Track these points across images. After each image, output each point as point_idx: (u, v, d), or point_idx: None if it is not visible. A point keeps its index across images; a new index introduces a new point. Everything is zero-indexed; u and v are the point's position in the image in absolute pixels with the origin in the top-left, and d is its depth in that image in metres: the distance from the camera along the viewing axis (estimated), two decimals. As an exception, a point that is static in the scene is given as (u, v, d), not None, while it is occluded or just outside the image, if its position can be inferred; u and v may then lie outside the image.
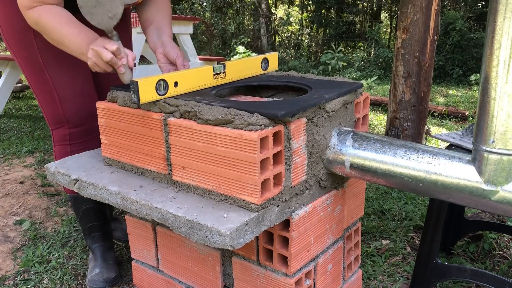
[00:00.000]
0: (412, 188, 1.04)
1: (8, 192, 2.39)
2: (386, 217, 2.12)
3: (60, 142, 1.55)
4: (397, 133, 2.75)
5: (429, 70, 2.66)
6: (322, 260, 1.22)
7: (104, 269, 1.60)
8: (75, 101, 1.49)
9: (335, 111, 1.14)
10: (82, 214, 1.63)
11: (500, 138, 0.91)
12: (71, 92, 1.48)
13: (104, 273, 1.59)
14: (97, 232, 1.66)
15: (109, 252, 1.67)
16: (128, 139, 1.21)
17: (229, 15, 11.03)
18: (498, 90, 0.90)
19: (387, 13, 10.90)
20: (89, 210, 1.62)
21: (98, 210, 1.64)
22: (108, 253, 1.66)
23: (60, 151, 1.56)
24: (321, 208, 1.17)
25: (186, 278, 1.34)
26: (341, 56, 8.23)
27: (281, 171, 1.00)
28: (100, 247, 1.66)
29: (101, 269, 1.60)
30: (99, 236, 1.67)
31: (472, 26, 8.22)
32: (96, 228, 1.66)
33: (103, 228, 1.67)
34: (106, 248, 1.66)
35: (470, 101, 5.23)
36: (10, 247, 1.90)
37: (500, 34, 0.87)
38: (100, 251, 1.65)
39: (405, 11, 2.62)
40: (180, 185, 1.12)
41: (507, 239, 1.87)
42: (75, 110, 1.50)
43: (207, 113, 1.02)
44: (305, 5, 11.15)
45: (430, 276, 1.40)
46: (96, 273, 1.59)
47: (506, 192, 0.92)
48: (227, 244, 0.90)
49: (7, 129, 3.73)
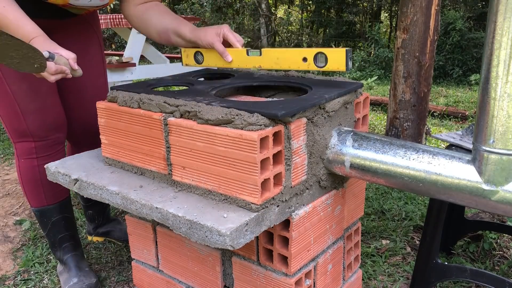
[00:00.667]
0: (412, 188, 1.04)
1: (8, 192, 2.39)
2: (386, 217, 2.12)
3: (26, 156, 1.49)
4: (397, 133, 2.75)
5: (429, 70, 2.66)
6: (322, 260, 1.22)
7: (82, 277, 1.57)
8: (39, 113, 1.44)
9: (335, 111, 1.14)
10: (51, 226, 1.58)
11: (500, 138, 0.91)
12: (33, 105, 1.42)
13: (84, 280, 1.56)
14: (68, 242, 1.62)
15: (82, 261, 1.63)
16: (128, 139, 1.21)
17: (229, 15, 11.03)
18: (498, 90, 0.90)
19: (387, 13, 10.90)
20: (58, 221, 1.58)
21: (68, 219, 1.60)
22: (82, 261, 1.63)
23: (26, 165, 1.50)
24: (321, 208, 1.17)
25: (186, 278, 1.34)
26: (341, 56, 8.22)
27: (281, 171, 1.00)
28: (73, 256, 1.62)
29: (79, 278, 1.56)
30: (71, 246, 1.62)
31: (472, 26, 8.22)
32: (67, 238, 1.61)
33: (74, 238, 1.64)
34: (78, 257, 1.63)
35: (470, 101, 5.23)
36: (10, 247, 1.90)
37: (500, 34, 0.87)
38: (74, 261, 1.61)
39: (405, 11, 2.62)
40: (180, 185, 1.12)
41: (507, 239, 1.87)
42: (39, 123, 1.45)
43: (207, 113, 1.02)
44: (305, 5, 11.15)
45: (430, 276, 1.40)
46: (74, 282, 1.55)
47: (506, 192, 0.92)
48: (227, 244, 0.90)
49: (7, 129, 3.72)
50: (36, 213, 1.58)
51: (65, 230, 1.60)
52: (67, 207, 1.60)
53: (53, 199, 1.55)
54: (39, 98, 1.43)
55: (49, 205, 1.55)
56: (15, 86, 1.39)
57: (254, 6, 10.58)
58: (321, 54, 1.19)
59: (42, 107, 1.44)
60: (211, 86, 1.29)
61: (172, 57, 5.08)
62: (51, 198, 1.54)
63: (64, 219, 1.59)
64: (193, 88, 1.29)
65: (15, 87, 1.39)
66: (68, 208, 1.61)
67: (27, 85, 1.41)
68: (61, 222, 1.58)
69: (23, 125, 1.44)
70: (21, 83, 1.40)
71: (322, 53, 1.19)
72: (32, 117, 1.43)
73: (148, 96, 1.17)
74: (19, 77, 1.39)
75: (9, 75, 1.38)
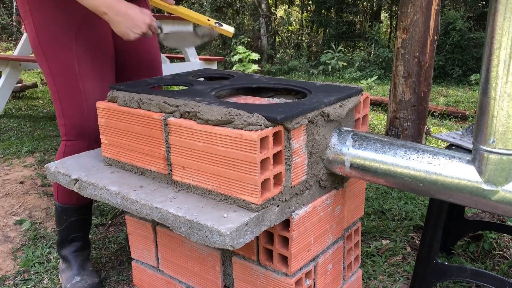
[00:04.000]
0: (412, 188, 1.04)
1: (8, 192, 2.39)
2: (386, 217, 2.12)
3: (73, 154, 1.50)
4: (397, 133, 2.75)
5: (429, 70, 2.66)
6: (322, 260, 1.22)
7: (85, 276, 1.57)
8: None
9: (342, 118, 1.14)
10: (68, 224, 1.59)
11: (500, 138, 0.91)
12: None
13: (87, 279, 1.56)
14: (79, 242, 1.63)
15: (87, 261, 1.64)
16: (128, 139, 1.21)
17: (229, 15, 11.03)
18: (498, 90, 0.90)
19: (387, 13, 10.89)
20: (76, 222, 1.59)
21: (85, 221, 1.62)
22: (86, 262, 1.64)
23: None
24: (321, 208, 1.17)
25: (186, 278, 1.34)
26: (341, 56, 8.23)
27: (281, 171, 1.00)
28: (79, 256, 1.62)
29: (82, 276, 1.56)
30: (80, 246, 1.63)
31: (472, 26, 8.22)
32: (79, 238, 1.63)
33: (84, 238, 1.65)
34: (84, 258, 1.64)
35: (470, 101, 5.23)
36: (10, 247, 1.90)
37: (500, 34, 0.87)
38: (78, 260, 1.61)
39: (405, 11, 2.62)
40: (180, 185, 1.12)
41: (507, 239, 1.87)
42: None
43: (207, 113, 1.02)
44: (305, 5, 11.15)
45: (430, 276, 1.40)
46: (77, 280, 1.55)
47: (506, 192, 0.92)
48: (227, 244, 0.90)
49: (7, 129, 3.73)
50: (58, 208, 1.59)
51: (79, 231, 1.62)
52: (88, 209, 1.62)
53: (79, 200, 1.55)
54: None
55: (73, 205, 1.56)
56: (89, 85, 1.41)
57: (254, 6, 10.57)
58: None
59: None
60: (211, 86, 1.29)
61: (172, 57, 5.08)
62: (79, 199, 1.55)
63: (82, 221, 1.60)
64: (193, 88, 1.29)
65: (88, 85, 1.41)
66: (88, 210, 1.62)
67: (99, 84, 1.43)
68: (79, 223, 1.60)
69: (85, 123, 1.44)
70: (94, 81, 1.42)
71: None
72: (95, 117, 1.42)
73: (148, 96, 1.17)
74: (99, 76, 1.42)
75: (88, 73, 1.41)
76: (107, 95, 1.27)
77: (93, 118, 1.44)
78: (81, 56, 1.40)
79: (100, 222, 2.09)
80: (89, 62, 1.41)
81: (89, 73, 1.41)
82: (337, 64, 7.89)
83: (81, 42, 1.39)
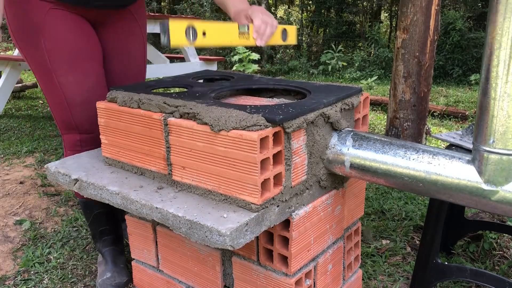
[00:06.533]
0: (412, 188, 1.04)
1: (8, 192, 2.39)
2: (386, 217, 2.12)
3: (72, 148, 1.51)
4: (397, 133, 2.75)
5: (429, 70, 2.66)
6: (322, 260, 1.22)
7: (115, 273, 1.59)
8: (85, 107, 1.44)
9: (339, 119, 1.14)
10: (93, 218, 1.61)
11: (500, 138, 0.91)
12: (79, 98, 1.43)
13: (116, 277, 1.58)
14: (108, 236, 1.65)
15: (119, 256, 1.66)
16: (128, 139, 1.21)
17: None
18: (498, 90, 0.90)
19: (387, 13, 10.89)
20: (101, 215, 1.60)
21: (110, 214, 1.63)
22: (119, 257, 1.65)
23: None
24: (321, 208, 1.17)
25: (186, 278, 1.34)
26: (341, 56, 8.24)
27: (281, 171, 1.00)
28: (111, 251, 1.64)
29: (112, 273, 1.59)
30: (110, 240, 1.65)
31: (472, 26, 8.22)
32: (107, 232, 1.65)
33: (114, 232, 1.66)
34: (117, 252, 1.65)
35: (470, 101, 5.23)
36: (10, 247, 1.90)
37: (500, 34, 0.87)
38: (111, 255, 1.64)
39: (405, 11, 2.62)
40: (180, 185, 1.12)
41: (507, 239, 1.87)
42: (85, 117, 1.46)
43: (206, 114, 1.02)
44: (305, 5, 11.15)
45: (430, 276, 1.40)
46: (107, 277, 1.58)
47: (506, 192, 0.92)
48: (227, 244, 0.90)
49: (7, 129, 3.73)
50: (80, 204, 1.61)
51: (106, 224, 1.63)
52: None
53: None
54: (85, 92, 1.43)
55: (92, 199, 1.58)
56: (63, 78, 1.40)
57: (254, 6, 10.56)
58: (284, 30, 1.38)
59: (87, 101, 1.44)
60: (210, 88, 1.29)
61: (172, 57, 5.08)
62: None
63: (106, 213, 1.61)
64: (192, 90, 1.29)
65: (62, 78, 1.40)
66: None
67: (74, 77, 1.41)
68: (103, 215, 1.61)
69: (69, 117, 1.44)
70: (67, 75, 1.40)
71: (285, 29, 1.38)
72: (78, 109, 1.43)
73: (148, 96, 1.17)
74: (67, 70, 1.40)
75: (58, 67, 1.39)
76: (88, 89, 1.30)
77: (75, 111, 1.43)
78: (51, 52, 1.37)
79: (100, 222, 2.09)
80: (60, 56, 1.38)
81: (61, 67, 1.39)
82: (337, 64, 7.90)
83: (48, 37, 1.36)
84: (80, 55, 1.42)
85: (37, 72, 1.43)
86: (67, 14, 1.40)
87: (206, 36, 1.09)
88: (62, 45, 1.38)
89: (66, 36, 1.39)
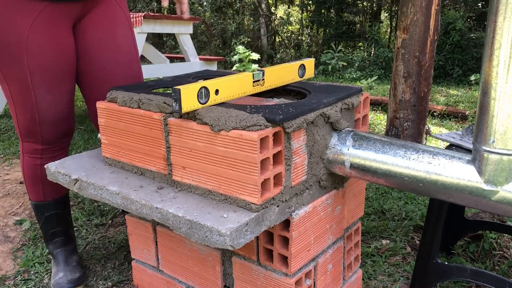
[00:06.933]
0: (412, 188, 1.04)
1: (8, 192, 2.39)
2: (386, 217, 2.12)
3: (31, 154, 1.53)
4: (397, 133, 2.75)
5: (429, 70, 2.66)
6: (322, 260, 1.22)
7: (68, 272, 1.61)
8: (53, 125, 1.47)
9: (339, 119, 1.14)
10: (45, 220, 1.63)
11: (500, 138, 0.91)
12: (53, 118, 1.45)
13: (68, 275, 1.59)
14: (60, 237, 1.66)
15: (71, 256, 1.67)
16: (128, 139, 1.21)
17: (229, 15, 11.03)
18: (498, 90, 0.90)
19: (387, 13, 10.89)
20: (51, 217, 1.62)
21: (60, 215, 1.65)
22: (71, 256, 1.67)
23: (29, 162, 1.53)
24: (321, 208, 1.17)
25: (186, 278, 1.34)
26: (341, 56, 8.24)
27: (281, 171, 1.00)
28: (63, 251, 1.66)
29: (65, 273, 1.60)
30: (61, 241, 1.67)
31: (472, 26, 8.22)
32: (59, 233, 1.66)
33: (65, 233, 1.68)
34: (68, 252, 1.67)
35: (470, 101, 5.23)
36: (10, 247, 1.90)
37: (500, 34, 0.87)
38: (62, 256, 1.65)
39: (405, 11, 2.62)
40: (180, 185, 1.12)
41: (507, 239, 1.87)
42: (52, 132, 1.48)
43: (206, 114, 1.02)
44: (305, 5, 11.15)
45: (430, 276, 1.40)
46: (60, 277, 1.59)
47: (506, 192, 0.92)
48: (227, 244, 0.90)
49: (7, 129, 3.73)
50: (32, 206, 1.64)
51: (57, 225, 1.65)
52: (62, 204, 1.65)
53: (50, 196, 1.60)
54: (60, 110, 1.46)
55: (45, 201, 1.61)
56: (41, 97, 1.41)
57: (254, 6, 10.58)
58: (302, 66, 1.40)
59: (59, 119, 1.47)
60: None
61: (172, 57, 5.08)
62: (48, 195, 1.60)
63: (57, 215, 1.63)
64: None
65: (40, 98, 1.41)
66: (62, 205, 1.65)
67: (52, 98, 1.42)
68: (54, 217, 1.63)
69: (37, 131, 1.46)
70: (46, 96, 1.41)
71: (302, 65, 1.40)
72: (48, 127, 1.46)
73: (148, 96, 1.17)
74: (46, 90, 1.41)
75: (38, 87, 1.39)
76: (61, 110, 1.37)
77: (45, 127, 1.46)
78: (34, 69, 1.36)
79: (100, 222, 2.10)
80: (41, 74, 1.38)
81: (41, 85, 1.39)
82: (337, 64, 7.90)
83: (33, 54, 1.34)
84: (61, 76, 1.43)
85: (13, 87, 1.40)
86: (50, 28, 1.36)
87: (219, 94, 1.11)
88: (45, 65, 1.37)
89: (49, 55, 1.37)
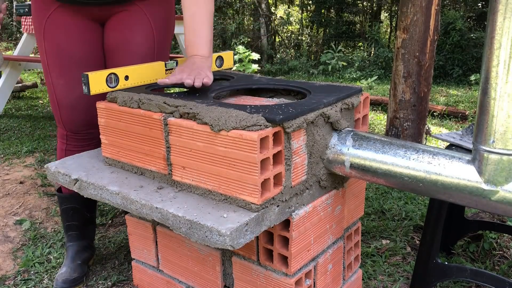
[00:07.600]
0: (412, 188, 1.04)
1: (8, 192, 2.39)
2: (386, 217, 2.12)
3: (60, 138, 1.62)
4: (397, 133, 2.75)
5: (429, 70, 2.66)
6: (322, 260, 1.22)
7: (69, 269, 1.62)
8: (70, 110, 1.53)
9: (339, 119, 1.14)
10: (62, 212, 1.68)
11: (500, 138, 0.91)
12: (66, 100, 1.52)
13: (66, 273, 1.60)
14: (73, 231, 1.69)
15: (80, 253, 1.68)
16: (128, 139, 1.21)
17: (229, 15, 11.03)
18: (498, 90, 0.90)
19: (387, 13, 10.89)
20: (67, 210, 1.65)
21: (77, 211, 1.66)
22: (80, 253, 1.67)
23: (59, 146, 1.63)
24: (321, 208, 1.17)
25: (186, 278, 1.34)
26: (341, 56, 8.23)
27: (281, 171, 1.00)
28: (74, 246, 1.68)
29: (66, 269, 1.62)
30: (75, 236, 1.69)
31: (472, 26, 8.22)
32: (73, 227, 1.68)
33: (80, 229, 1.69)
34: (80, 248, 1.68)
35: (470, 101, 5.23)
36: (10, 247, 1.90)
37: (500, 34, 0.87)
38: (72, 251, 1.67)
39: (405, 11, 2.62)
40: (180, 185, 1.12)
41: (507, 239, 1.87)
42: (70, 118, 1.55)
43: (206, 114, 1.02)
44: (305, 5, 11.14)
45: (430, 276, 1.40)
46: (62, 272, 1.61)
47: (506, 192, 0.92)
48: (227, 244, 0.90)
49: (7, 129, 3.73)
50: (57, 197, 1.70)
51: (72, 220, 1.67)
52: (79, 200, 1.65)
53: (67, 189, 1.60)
54: (72, 98, 1.52)
55: (63, 194, 1.66)
56: (55, 80, 1.51)
57: (254, 6, 10.57)
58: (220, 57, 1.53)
59: (74, 106, 1.53)
60: (210, 88, 1.29)
61: (171, 57, 5.07)
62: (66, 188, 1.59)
63: (72, 209, 1.65)
64: (192, 90, 1.29)
65: (55, 80, 1.51)
66: (80, 201, 1.65)
67: (64, 81, 1.50)
68: (70, 211, 1.66)
69: (58, 114, 1.56)
70: (59, 78, 1.50)
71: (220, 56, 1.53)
72: (65, 111, 1.54)
73: (148, 96, 1.17)
74: (58, 73, 1.50)
75: (53, 69, 1.50)
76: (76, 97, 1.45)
77: (63, 112, 1.54)
78: (49, 53, 1.49)
79: (100, 222, 2.09)
80: (53, 60, 1.49)
81: (55, 70, 1.50)
82: (337, 64, 7.89)
83: (48, 39, 1.48)
84: (74, 62, 1.49)
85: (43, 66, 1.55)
86: (69, 19, 1.47)
87: (129, 79, 1.29)
88: (56, 50, 1.48)
89: (62, 41, 1.48)
